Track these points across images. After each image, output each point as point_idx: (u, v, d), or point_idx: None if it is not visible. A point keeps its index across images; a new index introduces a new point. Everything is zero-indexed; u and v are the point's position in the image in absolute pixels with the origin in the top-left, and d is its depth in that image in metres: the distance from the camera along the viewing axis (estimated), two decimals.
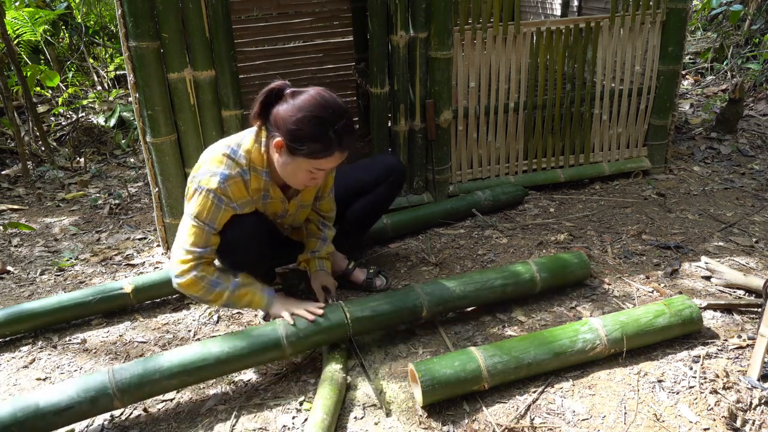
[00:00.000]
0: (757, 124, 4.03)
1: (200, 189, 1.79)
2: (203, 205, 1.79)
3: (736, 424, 1.58)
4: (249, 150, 1.83)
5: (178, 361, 1.71)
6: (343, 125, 1.71)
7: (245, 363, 1.80)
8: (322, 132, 1.69)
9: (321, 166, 1.77)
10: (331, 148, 1.72)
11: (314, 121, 1.69)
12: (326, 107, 1.70)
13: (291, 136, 1.71)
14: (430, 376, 1.66)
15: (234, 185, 1.81)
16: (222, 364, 1.74)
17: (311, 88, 1.76)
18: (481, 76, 2.92)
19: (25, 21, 4.71)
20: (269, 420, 1.72)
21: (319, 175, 1.81)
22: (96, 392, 1.62)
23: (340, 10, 3.77)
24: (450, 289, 2.02)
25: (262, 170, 1.85)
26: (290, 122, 1.70)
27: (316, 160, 1.74)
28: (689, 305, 1.92)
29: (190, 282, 1.81)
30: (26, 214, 3.31)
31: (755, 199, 3.01)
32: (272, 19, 3.77)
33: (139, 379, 1.66)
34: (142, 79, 2.35)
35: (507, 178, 3.14)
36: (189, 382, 1.74)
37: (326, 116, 1.69)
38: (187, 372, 1.71)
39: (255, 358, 1.80)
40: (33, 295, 2.45)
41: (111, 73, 5.50)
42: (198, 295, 1.85)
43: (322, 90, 1.75)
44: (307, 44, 3.86)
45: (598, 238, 2.65)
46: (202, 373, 1.73)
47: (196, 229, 1.80)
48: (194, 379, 1.73)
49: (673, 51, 3.08)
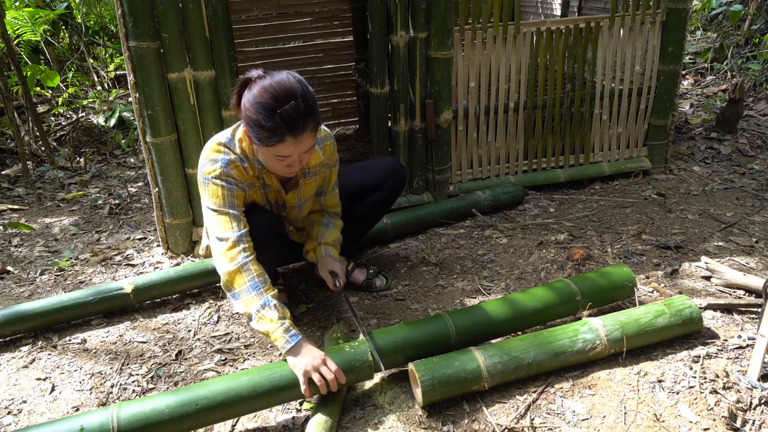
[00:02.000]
0: (757, 124, 4.03)
1: (206, 180, 1.81)
2: (215, 193, 1.80)
3: (736, 424, 1.58)
4: (241, 139, 1.84)
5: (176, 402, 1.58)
6: (289, 108, 1.64)
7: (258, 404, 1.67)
8: (266, 118, 1.65)
9: (281, 152, 1.72)
10: (278, 134, 1.67)
11: (258, 107, 1.66)
12: (271, 92, 1.65)
13: (247, 126, 1.73)
14: (430, 375, 1.66)
15: (235, 168, 1.83)
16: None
17: (276, 72, 1.72)
18: (481, 76, 2.92)
19: (25, 21, 4.71)
20: (269, 420, 1.72)
21: (290, 161, 1.76)
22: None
23: (340, 10, 3.77)
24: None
25: (254, 158, 1.86)
26: (244, 114, 1.71)
27: (272, 147, 1.71)
28: (689, 305, 1.92)
29: (235, 271, 1.74)
30: (26, 214, 3.31)
31: (755, 199, 3.01)
32: (272, 19, 3.77)
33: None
34: (142, 79, 2.35)
35: (507, 178, 3.14)
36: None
37: (269, 102, 1.65)
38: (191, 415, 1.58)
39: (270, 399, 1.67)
40: (33, 295, 2.45)
41: (111, 73, 5.50)
42: (240, 291, 1.74)
43: (279, 75, 1.70)
44: (307, 44, 3.87)
45: (598, 238, 2.65)
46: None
47: (221, 217, 1.79)
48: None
49: (673, 51, 3.08)
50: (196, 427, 1.61)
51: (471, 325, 1.87)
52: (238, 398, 1.60)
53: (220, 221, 1.79)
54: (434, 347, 1.81)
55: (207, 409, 1.58)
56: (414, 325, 1.87)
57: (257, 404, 1.65)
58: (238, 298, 1.75)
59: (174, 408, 1.56)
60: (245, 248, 1.77)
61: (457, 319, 1.87)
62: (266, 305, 1.72)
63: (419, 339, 1.81)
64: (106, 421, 1.51)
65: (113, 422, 1.51)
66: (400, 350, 1.79)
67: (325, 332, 2.08)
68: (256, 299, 1.72)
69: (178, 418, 1.55)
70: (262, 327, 1.72)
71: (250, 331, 2.13)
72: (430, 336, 1.83)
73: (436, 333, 1.84)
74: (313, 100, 1.71)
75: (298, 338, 1.70)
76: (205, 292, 2.38)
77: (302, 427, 1.67)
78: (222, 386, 1.62)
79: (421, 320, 1.91)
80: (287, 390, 1.65)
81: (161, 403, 1.56)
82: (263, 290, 1.73)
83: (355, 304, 2.25)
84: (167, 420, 1.55)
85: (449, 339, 1.83)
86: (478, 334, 1.87)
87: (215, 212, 1.80)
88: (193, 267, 2.34)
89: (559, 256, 2.49)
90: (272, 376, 1.65)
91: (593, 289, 2.02)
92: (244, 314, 1.76)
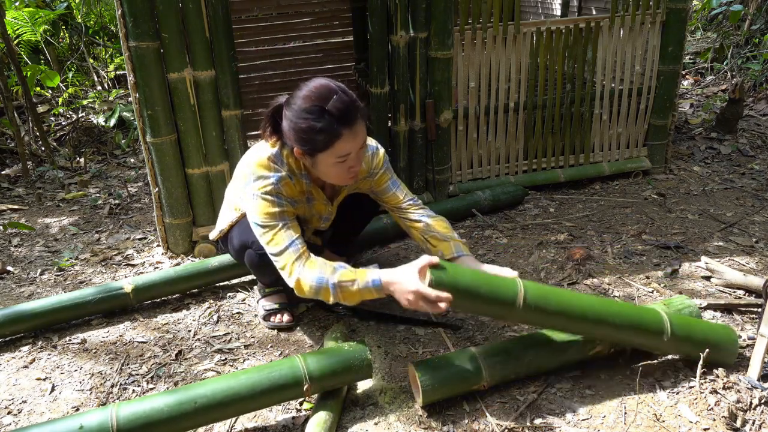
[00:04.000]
0: (757, 124, 4.03)
1: (257, 195, 1.81)
2: (267, 208, 1.80)
3: (736, 424, 1.58)
4: (288, 155, 1.86)
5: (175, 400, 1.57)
6: (334, 103, 1.67)
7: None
8: (317, 121, 1.67)
9: (342, 151, 1.73)
10: (335, 130, 1.68)
11: (305, 116, 1.68)
12: (311, 96, 1.68)
13: (299, 142, 1.73)
14: (429, 375, 1.66)
15: (286, 185, 1.85)
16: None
17: (302, 84, 1.74)
18: (481, 76, 2.92)
19: (25, 21, 4.71)
20: (269, 420, 1.72)
21: (351, 161, 1.77)
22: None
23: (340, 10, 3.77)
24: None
25: (301, 173, 1.89)
26: (292, 131, 1.73)
27: (332, 149, 1.72)
28: (689, 305, 1.91)
29: (297, 284, 1.74)
30: (26, 214, 3.31)
31: (755, 199, 3.01)
32: (272, 19, 3.77)
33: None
34: (142, 79, 2.35)
35: (507, 178, 3.14)
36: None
37: (312, 106, 1.67)
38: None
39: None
40: (33, 295, 2.45)
41: (111, 73, 5.50)
42: (312, 296, 1.74)
43: (306, 85, 1.72)
44: (307, 44, 3.86)
45: (598, 238, 2.65)
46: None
47: (271, 232, 1.79)
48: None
49: (673, 51, 3.08)
50: (195, 426, 1.61)
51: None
52: (237, 397, 1.60)
53: (272, 236, 1.79)
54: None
55: (206, 407, 1.57)
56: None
57: (256, 403, 1.64)
58: (321, 297, 1.73)
59: (173, 407, 1.56)
60: (299, 256, 1.76)
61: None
62: (336, 288, 1.69)
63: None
64: (105, 420, 1.51)
65: (112, 421, 1.51)
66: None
67: (325, 332, 2.08)
68: (328, 292, 1.70)
69: (177, 417, 1.55)
70: (354, 301, 1.71)
71: (250, 331, 2.13)
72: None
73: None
74: (350, 92, 1.73)
75: (379, 281, 1.66)
76: (205, 292, 2.38)
77: (302, 427, 1.67)
78: (221, 385, 1.62)
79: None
80: (286, 389, 1.65)
81: (160, 402, 1.56)
82: (326, 277, 1.70)
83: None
84: (166, 419, 1.54)
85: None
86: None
87: (265, 228, 1.80)
88: (193, 267, 2.34)
89: (559, 256, 2.49)
90: (271, 375, 1.65)
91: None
92: (333, 302, 1.73)
